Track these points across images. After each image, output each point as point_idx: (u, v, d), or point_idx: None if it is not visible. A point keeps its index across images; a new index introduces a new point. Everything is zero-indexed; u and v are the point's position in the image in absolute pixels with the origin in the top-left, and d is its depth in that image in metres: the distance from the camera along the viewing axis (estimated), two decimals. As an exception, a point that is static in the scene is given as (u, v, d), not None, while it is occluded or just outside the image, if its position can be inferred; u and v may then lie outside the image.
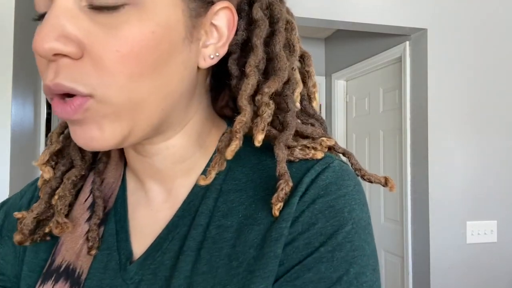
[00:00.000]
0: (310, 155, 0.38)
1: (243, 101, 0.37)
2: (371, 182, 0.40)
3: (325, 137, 0.40)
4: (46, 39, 0.31)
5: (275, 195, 0.35)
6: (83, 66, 0.32)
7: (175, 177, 0.42)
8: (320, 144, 0.39)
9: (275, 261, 0.35)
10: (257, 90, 0.38)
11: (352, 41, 2.85)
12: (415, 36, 2.16)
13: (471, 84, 2.08)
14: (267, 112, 0.37)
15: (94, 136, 0.34)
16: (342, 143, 3.05)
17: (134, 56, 0.32)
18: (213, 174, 0.37)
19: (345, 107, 3.05)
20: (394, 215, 2.42)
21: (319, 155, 0.39)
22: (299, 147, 0.39)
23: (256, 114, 0.37)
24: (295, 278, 0.34)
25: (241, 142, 0.36)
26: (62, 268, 0.40)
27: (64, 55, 0.31)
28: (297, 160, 0.39)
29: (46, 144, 0.44)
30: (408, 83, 2.21)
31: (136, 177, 0.44)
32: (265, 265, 0.35)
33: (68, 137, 0.44)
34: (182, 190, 0.41)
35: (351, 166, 0.40)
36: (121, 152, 0.45)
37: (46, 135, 1.95)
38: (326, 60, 3.40)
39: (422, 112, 2.09)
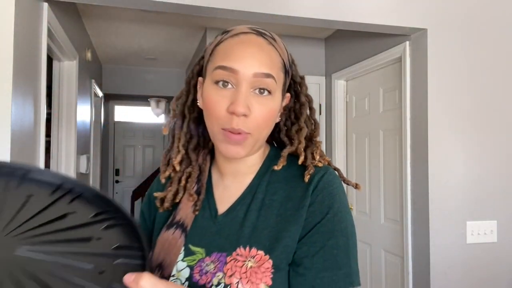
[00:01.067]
0: (320, 164, 0.73)
1: (284, 138, 0.78)
2: (347, 184, 0.76)
3: (325, 156, 0.76)
4: (242, 107, 0.63)
5: (306, 172, 0.70)
6: (249, 121, 0.65)
7: (244, 173, 0.75)
8: (324, 159, 0.75)
9: (302, 218, 0.67)
10: (294, 129, 0.77)
11: (352, 41, 2.85)
12: (415, 36, 2.16)
13: (471, 84, 2.08)
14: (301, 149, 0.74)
15: (240, 152, 0.67)
16: (342, 143, 3.06)
17: (269, 118, 0.68)
18: (280, 166, 0.72)
19: (345, 107, 3.05)
20: (394, 215, 2.42)
21: (321, 165, 0.73)
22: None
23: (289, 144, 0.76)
24: (316, 231, 0.67)
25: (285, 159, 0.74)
26: (179, 222, 0.72)
27: (244, 115, 0.64)
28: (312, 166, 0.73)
29: (172, 147, 0.77)
30: (408, 83, 2.21)
31: (219, 173, 0.77)
32: (296, 219, 0.67)
33: (187, 149, 0.77)
34: (246, 180, 0.74)
35: (337, 173, 0.75)
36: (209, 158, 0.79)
37: (46, 135, 1.96)
38: (326, 60, 3.40)
39: (422, 112, 2.09)
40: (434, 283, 2.01)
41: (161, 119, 7.18)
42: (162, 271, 0.68)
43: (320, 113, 3.24)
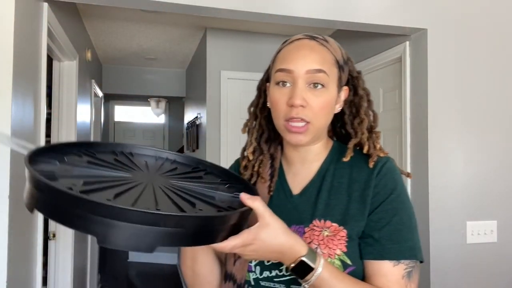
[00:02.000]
0: (382, 154, 0.82)
1: (350, 130, 0.89)
2: (401, 173, 0.83)
3: (383, 149, 0.85)
4: (298, 99, 0.76)
5: (370, 159, 0.81)
6: (307, 110, 0.77)
7: (311, 161, 0.87)
8: (383, 152, 0.84)
9: (368, 198, 0.78)
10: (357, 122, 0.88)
11: (352, 41, 2.85)
12: (415, 36, 2.16)
13: (471, 84, 2.08)
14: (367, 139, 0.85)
15: (302, 139, 0.79)
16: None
17: (324, 107, 0.79)
18: (348, 157, 0.82)
19: (345, 107, 3.05)
20: (394, 215, 2.42)
21: (383, 154, 0.83)
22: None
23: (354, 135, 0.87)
24: (381, 208, 0.77)
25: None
26: None
27: (301, 106, 0.76)
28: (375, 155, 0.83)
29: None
30: (408, 83, 2.21)
31: (287, 162, 0.90)
32: (363, 198, 0.78)
33: (259, 142, 0.92)
34: (313, 167, 0.86)
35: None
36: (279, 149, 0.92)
37: (46, 135, 1.96)
38: (326, 60, 3.40)
39: (422, 112, 2.09)
40: (434, 283, 2.01)
41: (161, 119, 7.18)
42: None
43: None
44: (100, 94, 4.06)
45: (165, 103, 6.00)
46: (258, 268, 0.80)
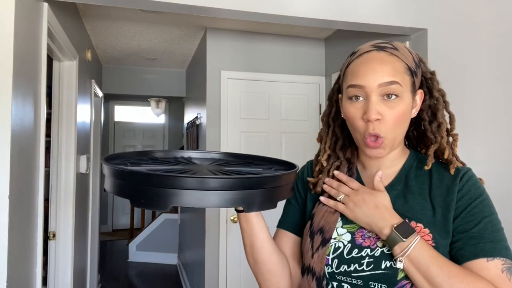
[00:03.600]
0: (461, 164, 0.84)
1: (431, 135, 0.89)
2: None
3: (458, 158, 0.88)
4: (373, 114, 0.78)
5: (451, 165, 0.82)
6: (382, 124, 0.79)
7: (387, 167, 0.88)
8: (461, 163, 0.86)
9: (453, 202, 0.78)
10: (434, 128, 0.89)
11: (352, 41, 2.85)
12: (415, 36, 2.16)
13: (471, 83, 2.08)
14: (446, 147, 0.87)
15: (382, 152, 0.81)
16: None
17: (399, 118, 0.79)
18: (430, 165, 0.83)
19: (345, 107, 3.05)
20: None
21: (462, 165, 0.84)
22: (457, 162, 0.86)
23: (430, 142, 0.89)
24: (467, 212, 0.77)
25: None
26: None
27: (377, 120, 0.78)
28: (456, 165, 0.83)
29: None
30: (408, 83, 2.21)
31: (362, 166, 0.92)
32: (447, 203, 0.78)
33: (335, 149, 0.95)
34: (389, 172, 0.87)
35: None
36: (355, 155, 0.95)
37: (46, 135, 1.96)
38: (326, 60, 3.40)
39: (422, 112, 2.09)
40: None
41: (161, 119, 7.18)
42: (323, 234, 0.83)
43: (320, 113, 3.24)
44: (100, 94, 4.07)
45: (165, 103, 6.00)
46: (336, 261, 0.81)
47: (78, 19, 3.01)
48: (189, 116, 4.53)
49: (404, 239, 0.72)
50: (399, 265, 0.73)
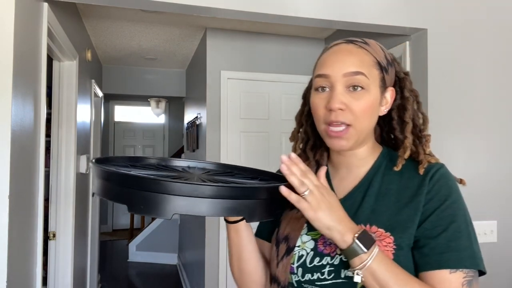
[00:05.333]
0: (432, 160, 0.80)
1: (399, 135, 0.86)
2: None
3: (433, 155, 0.82)
4: (336, 103, 0.75)
5: (420, 165, 0.78)
6: (346, 113, 0.76)
7: (357, 166, 0.85)
8: (434, 157, 0.81)
9: (420, 204, 0.75)
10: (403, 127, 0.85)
11: (352, 41, 2.85)
12: (415, 36, 2.16)
13: (471, 83, 2.08)
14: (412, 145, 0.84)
15: (344, 144, 0.78)
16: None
17: (366, 110, 0.77)
18: (399, 166, 0.80)
19: (345, 107, 3.05)
20: (394, 215, 2.41)
21: (434, 160, 0.80)
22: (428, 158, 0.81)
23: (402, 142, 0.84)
24: (436, 216, 0.74)
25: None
26: None
27: (340, 109, 0.76)
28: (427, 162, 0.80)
29: None
30: (408, 83, 2.20)
31: (333, 167, 0.89)
32: (415, 205, 0.75)
33: (305, 148, 0.93)
34: (360, 172, 0.84)
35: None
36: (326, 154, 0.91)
37: (46, 135, 1.96)
38: (326, 60, 3.40)
39: (422, 112, 2.09)
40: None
41: (161, 119, 7.17)
42: (288, 242, 0.81)
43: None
44: (100, 94, 4.06)
45: (165, 103, 6.00)
46: (300, 270, 0.79)
47: (78, 19, 3.01)
48: (189, 116, 4.53)
49: (366, 250, 0.67)
50: (357, 278, 0.68)
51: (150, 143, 7.38)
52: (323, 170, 0.75)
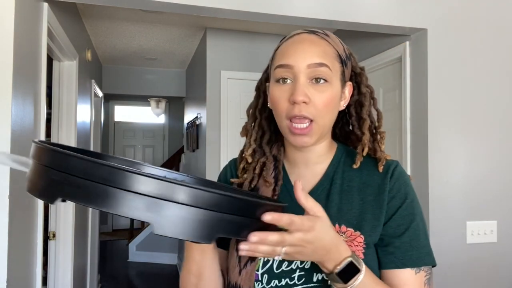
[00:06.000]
0: (388, 157, 0.79)
1: (357, 131, 0.83)
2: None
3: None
4: (300, 95, 0.71)
5: (379, 163, 0.78)
6: (310, 107, 0.72)
7: (315, 162, 0.82)
8: (388, 154, 0.81)
9: (384, 202, 0.75)
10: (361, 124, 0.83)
11: (352, 41, 2.85)
12: (415, 36, 2.16)
13: (471, 84, 2.08)
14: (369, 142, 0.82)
15: (307, 141, 0.75)
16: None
17: (328, 103, 0.74)
18: (358, 163, 0.78)
19: (345, 107, 3.05)
20: (394, 215, 2.42)
21: (389, 157, 0.80)
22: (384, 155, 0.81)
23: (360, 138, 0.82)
24: (399, 214, 0.74)
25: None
26: None
27: (304, 102, 0.72)
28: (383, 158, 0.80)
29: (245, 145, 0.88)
30: (408, 83, 2.21)
31: (290, 163, 0.85)
32: (379, 203, 0.75)
33: (261, 143, 0.87)
34: (318, 169, 0.82)
35: None
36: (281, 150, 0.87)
37: (46, 135, 1.95)
38: (326, 60, 3.40)
39: (422, 112, 2.09)
40: (434, 283, 2.00)
41: (161, 119, 7.18)
42: None
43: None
44: (100, 94, 4.06)
45: (165, 103, 6.00)
46: (265, 276, 0.75)
47: (78, 19, 3.01)
48: (189, 116, 4.53)
49: (345, 285, 0.64)
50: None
51: (150, 143, 7.39)
52: (299, 191, 0.61)
